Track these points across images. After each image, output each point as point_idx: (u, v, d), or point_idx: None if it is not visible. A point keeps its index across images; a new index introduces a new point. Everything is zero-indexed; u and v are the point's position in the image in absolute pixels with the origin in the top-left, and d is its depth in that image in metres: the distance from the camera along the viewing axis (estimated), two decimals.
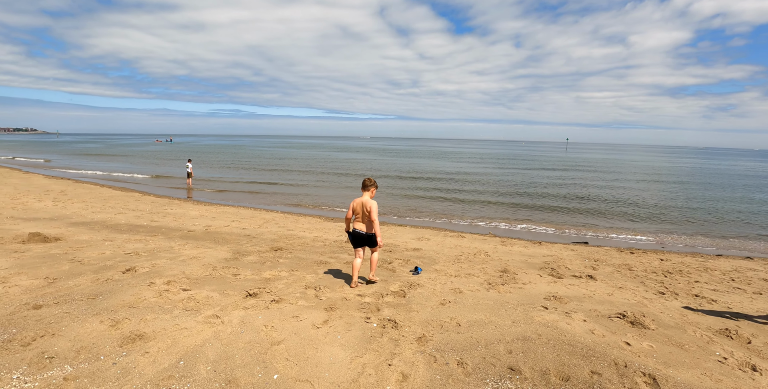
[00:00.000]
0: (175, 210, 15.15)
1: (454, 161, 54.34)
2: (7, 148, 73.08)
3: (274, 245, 9.54)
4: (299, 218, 14.98)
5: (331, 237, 11.34)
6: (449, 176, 31.93)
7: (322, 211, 17.52)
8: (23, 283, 5.58)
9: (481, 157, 65.47)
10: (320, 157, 59.21)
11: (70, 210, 14.01)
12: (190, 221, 12.86)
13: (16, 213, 13.12)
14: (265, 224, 13.10)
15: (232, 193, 22.43)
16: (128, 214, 13.74)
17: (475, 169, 40.00)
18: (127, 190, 21.53)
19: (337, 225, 13.75)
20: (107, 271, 6.28)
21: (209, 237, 10.25)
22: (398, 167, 40.41)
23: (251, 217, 14.42)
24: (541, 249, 11.58)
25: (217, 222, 12.95)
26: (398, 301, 5.68)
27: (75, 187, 21.58)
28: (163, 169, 36.88)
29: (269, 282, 6.11)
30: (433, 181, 28.07)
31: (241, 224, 12.81)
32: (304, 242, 10.32)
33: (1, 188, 19.96)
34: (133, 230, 10.72)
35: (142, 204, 16.63)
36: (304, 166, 40.93)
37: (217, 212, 15.31)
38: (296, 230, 12.22)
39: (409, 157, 64.39)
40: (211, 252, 8.20)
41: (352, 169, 38.22)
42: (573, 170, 41.63)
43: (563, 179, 31.77)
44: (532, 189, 25.17)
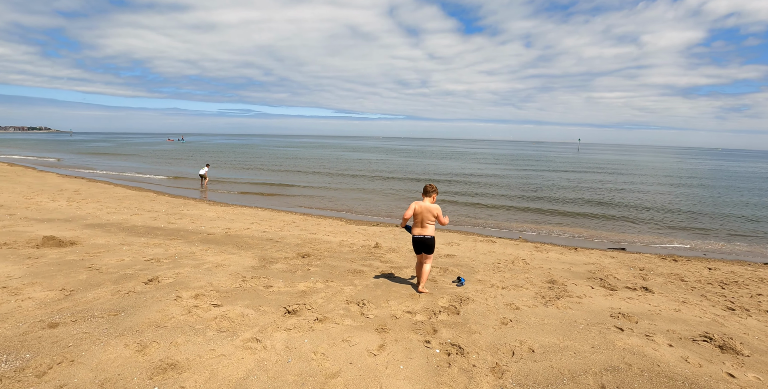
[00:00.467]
0: (192, 212, 14.64)
1: (467, 162, 53.56)
2: (20, 147, 73.48)
3: (300, 251, 8.96)
4: (320, 220, 14.39)
5: (357, 241, 10.74)
6: (466, 178, 31.19)
7: (342, 213, 16.93)
8: (37, 295, 5.04)
9: (495, 158, 64.53)
10: (333, 156, 58.72)
11: (85, 211, 13.55)
12: (208, 223, 12.33)
13: (30, 213, 12.68)
14: (285, 227, 12.53)
15: (247, 194, 21.94)
16: (144, 215, 13.25)
17: (492, 170, 39.12)
18: (142, 190, 21.12)
19: (360, 228, 13.15)
20: (128, 281, 5.72)
21: (231, 241, 9.69)
22: (413, 168, 39.71)
23: (270, 219, 13.87)
24: (579, 256, 10.88)
25: (236, 224, 12.40)
26: (453, 320, 5.06)
27: (89, 186, 21.21)
28: (177, 168, 36.59)
29: (306, 296, 5.51)
30: (453, 184, 27.35)
31: (261, 227, 12.26)
32: (331, 247, 9.73)
33: (14, 187, 19.62)
34: (151, 233, 10.19)
35: (158, 204, 16.15)
36: (319, 166, 40.43)
37: (235, 213, 14.78)
38: (319, 234, 11.64)
39: (422, 157, 63.69)
40: (236, 259, 7.62)
41: (367, 169, 37.58)
42: (592, 172, 40.60)
43: (584, 182, 30.89)
44: (555, 192, 24.36)
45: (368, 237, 11.47)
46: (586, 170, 42.38)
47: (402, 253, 9.60)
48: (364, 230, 12.81)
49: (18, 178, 23.69)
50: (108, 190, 20.00)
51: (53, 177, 25.54)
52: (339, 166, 40.33)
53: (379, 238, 11.46)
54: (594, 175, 37.23)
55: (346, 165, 42.53)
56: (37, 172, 28.65)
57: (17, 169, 30.68)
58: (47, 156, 49.18)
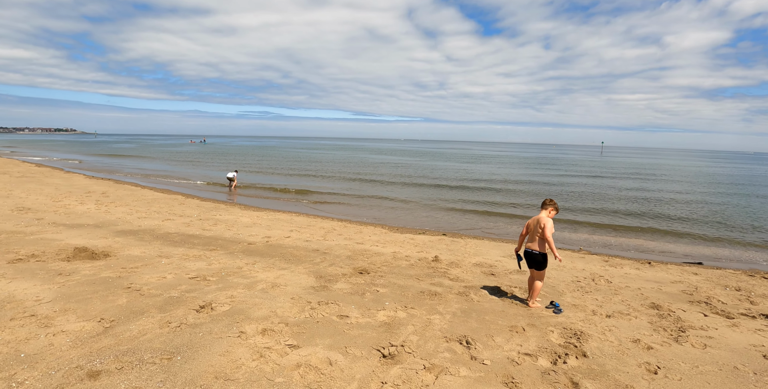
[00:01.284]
0: (225, 217, 13.81)
1: (494, 166, 52.09)
2: (47, 148, 74.53)
3: (355, 265, 7.97)
4: (361, 228, 13.40)
5: (410, 253, 9.71)
6: (499, 185, 29.70)
7: (379, 218, 15.91)
8: (72, 327, 4.12)
9: (521, 162, 62.70)
10: (356, 159, 57.82)
11: (115, 216, 12.81)
12: (245, 230, 11.44)
13: (59, 218, 11.98)
14: (328, 235, 11.57)
15: (278, 200, 21.12)
16: (176, 221, 12.44)
17: (522, 175, 37.21)
18: (170, 192, 20.46)
19: (407, 237, 12.11)
20: (176, 308, 4.78)
21: (275, 252, 8.75)
22: (441, 173, 38.29)
23: (308, 226, 12.93)
24: (659, 273, 9.65)
25: (275, 232, 11.49)
26: (587, 365, 3.98)
27: (116, 188, 20.65)
28: (202, 170, 36.17)
29: (393, 331, 4.48)
30: (488, 192, 26.04)
31: (301, 234, 11.32)
32: (386, 260, 8.72)
33: (42, 189, 19.14)
34: (187, 242, 9.32)
35: (188, 208, 15.38)
36: (345, 170, 39.48)
37: (270, 219, 13.89)
38: (366, 243, 10.64)
39: (445, 160, 62.36)
40: (290, 277, 6.65)
41: (395, 174, 36.35)
42: (626, 178, 38.52)
43: (623, 190, 29.15)
44: (597, 200, 22.86)
45: (420, 248, 10.43)
46: (620, 176, 40.35)
47: (466, 268, 8.55)
48: (412, 239, 11.77)
49: (46, 179, 23.33)
50: (135, 193, 19.39)
51: (80, 178, 25.16)
52: (366, 170, 39.32)
53: (433, 249, 10.41)
54: (630, 181, 35.37)
55: (372, 169, 41.53)
56: (64, 173, 28.38)
57: (45, 169, 30.51)
58: (74, 157, 49.43)
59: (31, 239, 8.61)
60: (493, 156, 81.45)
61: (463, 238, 12.54)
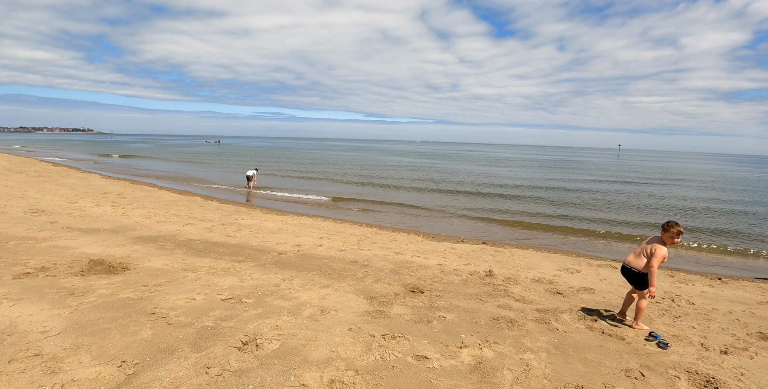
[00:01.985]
0: (248, 221, 12.95)
1: (516, 169, 50.76)
2: (64, 147, 74.88)
3: (403, 281, 7.02)
4: (394, 234, 12.43)
5: (458, 265, 8.73)
6: (528, 191, 28.48)
7: (410, 225, 14.92)
8: (86, 375, 3.22)
9: (540, 165, 61.07)
10: (373, 160, 56.87)
11: (132, 219, 12.03)
12: (272, 237, 10.56)
13: (74, 221, 11.22)
14: (361, 243, 10.64)
15: (299, 203, 20.26)
16: (198, 225, 11.61)
17: (548, 181, 34.50)
18: (187, 194, 19.72)
19: (446, 246, 11.12)
20: (213, 344, 3.86)
21: (311, 264, 7.83)
22: (464, 177, 36.80)
23: (338, 232, 12.01)
24: (736, 291, 8.54)
25: (304, 239, 10.59)
26: None
27: (133, 189, 19.98)
28: (218, 171, 35.58)
29: (489, 379, 3.51)
30: (517, 200, 24.93)
31: (333, 243, 10.40)
32: (434, 274, 7.76)
33: (58, 189, 18.52)
34: (213, 251, 8.44)
35: (208, 211, 14.57)
36: (364, 172, 38.55)
37: (296, 224, 13.00)
38: (406, 254, 9.68)
39: (465, 162, 61.12)
40: (336, 298, 5.71)
41: (417, 178, 35.06)
42: (658, 184, 36.64)
43: (659, 197, 27.79)
44: (635, 209, 21.53)
45: (466, 260, 9.43)
46: (650, 181, 38.19)
47: (526, 285, 7.56)
48: (453, 249, 10.77)
49: (62, 179, 22.78)
50: (153, 194, 18.67)
51: (97, 178, 24.59)
52: (386, 173, 38.30)
53: (479, 261, 9.42)
54: (662, 187, 33.66)
55: (393, 171, 40.51)
56: (80, 172, 27.90)
57: (61, 169, 30.09)
58: (89, 157, 49.28)
59: (43, 247, 7.81)
60: (511, 158, 79.95)
61: (506, 248, 11.51)
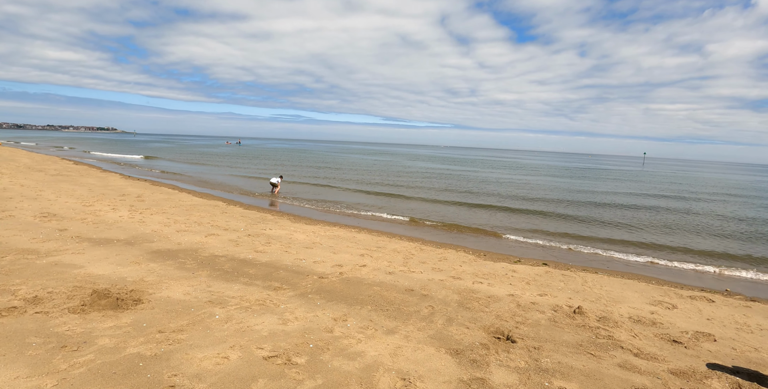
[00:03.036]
0: (276, 231, 11.63)
1: (549, 177, 48.63)
2: (89, 145, 75.23)
3: (483, 322, 5.56)
4: (441, 251, 10.94)
5: (532, 296, 7.22)
6: (572, 207, 26.67)
7: (456, 238, 13.40)
8: None
9: (573, 173, 58.20)
10: (396, 165, 55.36)
11: (150, 227, 10.80)
12: (306, 254, 9.19)
13: (86, 228, 10.04)
14: (409, 262, 9.19)
15: (327, 210, 18.91)
16: (222, 236, 10.32)
17: (595, 195, 30.77)
18: (209, 197, 18.54)
19: (504, 268, 9.59)
20: None
21: (361, 294, 6.41)
22: (499, 187, 35.00)
23: (378, 248, 10.58)
24: None
25: (343, 257, 9.19)
26: None
27: (152, 191, 18.90)
28: (240, 173, 34.59)
29: None
30: (565, 214, 23.14)
31: (377, 261, 8.98)
32: (512, 310, 6.28)
33: (75, 190, 17.52)
34: (242, 272, 7.09)
35: (232, 218, 13.30)
36: (391, 178, 37.21)
37: (329, 236, 11.62)
38: (465, 278, 8.20)
39: (493, 168, 59.13)
40: (413, 355, 4.27)
41: (451, 186, 33.54)
42: (721, 201, 33.77)
43: (728, 218, 25.75)
44: (707, 232, 19.48)
45: (538, 288, 7.90)
46: (708, 198, 35.21)
47: (628, 327, 6.05)
48: (514, 272, 9.24)
49: (80, 179, 21.89)
50: (173, 197, 17.54)
51: (116, 178, 23.67)
52: (413, 180, 36.81)
53: (552, 289, 7.89)
54: (709, 203, 31.31)
55: (421, 179, 38.96)
56: (101, 172, 27.09)
57: (81, 168, 29.38)
58: (113, 156, 48.94)
59: (44, 264, 6.55)
60: (536, 165, 77.58)
61: (573, 271, 9.93)
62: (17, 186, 17.58)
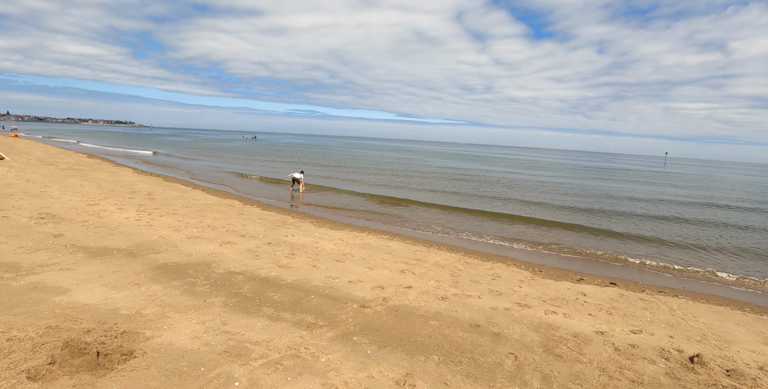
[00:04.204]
0: (300, 238, 10.25)
1: (584, 180, 46.37)
2: (106, 139, 75.03)
3: (591, 383, 4.07)
4: (490, 266, 9.43)
5: (628, 336, 5.70)
6: (613, 207, 24.88)
7: (499, 247, 11.87)
8: None
9: (607, 173, 55.35)
10: (417, 162, 53.71)
11: (158, 232, 9.50)
12: (338, 269, 7.78)
13: (85, 233, 8.76)
14: (458, 281, 7.73)
15: (353, 212, 17.50)
16: (239, 245, 8.97)
17: (634, 202, 28.53)
18: (225, 196, 17.27)
19: (569, 289, 8.05)
20: None
21: (420, 335, 4.97)
22: (535, 188, 33.26)
23: (418, 261, 9.13)
24: None
25: (381, 273, 7.76)
26: None
27: (165, 188, 17.71)
28: (256, 168, 33.43)
29: None
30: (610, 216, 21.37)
31: (422, 280, 7.54)
32: (614, 359, 4.82)
33: (83, 186, 16.39)
34: (264, 298, 5.70)
35: (250, 221, 11.97)
36: (414, 175, 35.68)
37: (358, 245, 10.20)
38: (534, 306, 6.71)
39: (520, 168, 57.08)
40: None
41: (479, 188, 31.81)
42: (748, 210, 31.54)
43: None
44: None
45: (626, 321, 6.37)
46: (748, 203, 33.21)
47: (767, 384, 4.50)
48: (584, 296, 7.70)
49: (91, 173, 20.83)
50: (186, 194, 16.30)
51: (128, 173, 22.57)
52: (445, 183, 35.18)
53: (642, 322, 6.37)
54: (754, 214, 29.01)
55: (452, 183, 37.26)
56: (113, 166, 26.08)
57: (95, 161, 28.44)
58: (130, 148, 48.21)
59: (19, 288, 5.23)
60: (559, 164, 75.29)
61: (648, 293, 8.35)
62: (22, 181, 16.52)
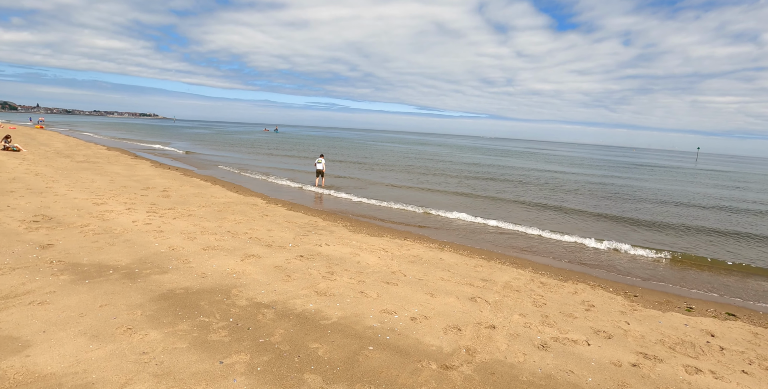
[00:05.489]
0: (335, 248, 8.56)
1: (638, 180, 43.86)
2: (130, 131, 74.87)
3: None
4: (572, 287, 7.57)
5: None
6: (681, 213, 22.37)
7: (572, 260, 9.98)
8: None
9: (643, 171, 51.64)
10: (448, 157, 51.57)
11: (168, 240, 7.93)
12: (392, 297, 6.05)
13: (81, 243, 7.24)
14: (549, 316, 5.92)
15: (385, 207, 15.75)
16: (264, 259, 7.32)
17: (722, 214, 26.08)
18: (246, 193, 15.72)
19: (685, 325, 6.14)
20: None
21: None
22: (583, 195, 30.75)
23: (484, 281, 7.33)
24: None
25: (447, 302, 6.01)
26: None
27: (182, 183, 16.28)
28: (279, 162, 32.00)
29: None
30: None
31: (504, 315, 5.76)
32: None
33: (94, 181, 15.04)
34: (306, 356, 4.03)
35: (275, 224, 10.35)
36: (447, 171, 33.73)
37: (406, 258, 8.45)
38: (665, 359, 4.86)
39: (564, 165, 54.63)
40: None
41: (532, 184, 29.58)
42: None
43: None
44: None
45: None
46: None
47: None
48: (712, 336, 5.79)
49: (106, 167, 19.58)
50: (204, 191, 14.81)
51: (145, 166, 21.27)
52: (489, 184, 32.64)
53: None
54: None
55: (496, 185, 35.19)
56: (131, 159, 24.88)
57: (113, 154, 27.36)
58: (153, 140, 47.39)
59: None
60: (591, 159, 72.18)
61: None
62: (31, 175, 15.26)
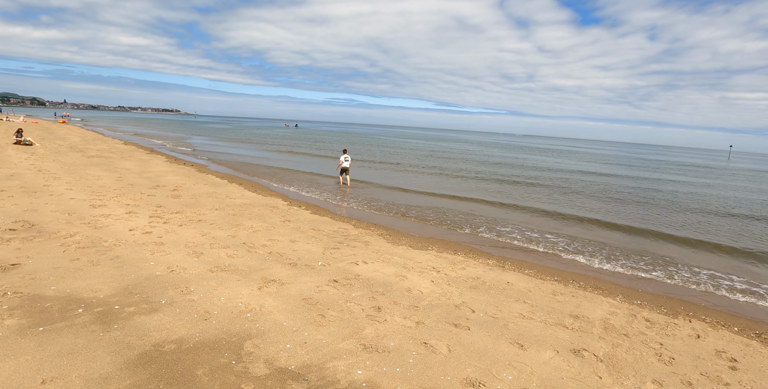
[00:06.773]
0: (376, 267, 6.83)
1: (687, 184, 41.20)
2: (151, 126, 74.62)
3: None
4: (685, 323, 5.69)
5: None
6: None
7: (648, 280, 8.06)
8: None
9: (700, 172, 47.38)
10: (480, 155, 49.36)
11: (167, 258, 6.31)
12: (466, 348, 4.30)
13: (57, 261, 5.67)
14: (694, 387, 4.08)
15: (412, 210, 13.94)
16: (288, 286, 5.64)
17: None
18: (265, 193, 14.12)
19: None
20: None
21: None
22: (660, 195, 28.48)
23: (577, 319, 5.52)
24: None
25: (547, 363, 4.21)
26: None
27: (195, 181, 14.79)
28: (300, 159, 30.53)
29: None
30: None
31: (630, 381, 3.93)
32: None
33: (100, 177, 13.65)
34: None
35: (299, 233, 8.69)
36: (483, 171, 31.78)
37: (465, 282, 6.67)
38: None
39: (610, 165, 52.02)
40: None
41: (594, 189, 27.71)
42: None
43: None
44: None
45: None
46: None
47: None
48: None
49: (119, 162, 18.28)
50: (219, 190, 13.27)
51: (159, 162, 19.92)
52: (536, 191, 30.83)
53: None
54: None
55: (541, 190, 32.98)
56: (146, 154, 23.62)
57: (128, 148, 26.23)
58: (174, 134, 46.47)
59: None
60: (641, 159, 69.00)
61: None
62: (33, 171, 13.95)
